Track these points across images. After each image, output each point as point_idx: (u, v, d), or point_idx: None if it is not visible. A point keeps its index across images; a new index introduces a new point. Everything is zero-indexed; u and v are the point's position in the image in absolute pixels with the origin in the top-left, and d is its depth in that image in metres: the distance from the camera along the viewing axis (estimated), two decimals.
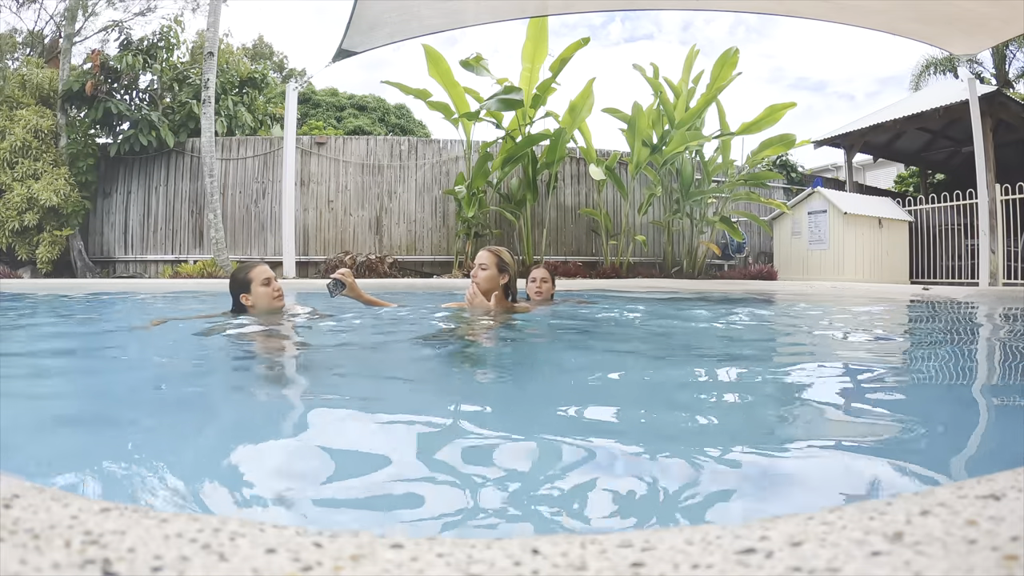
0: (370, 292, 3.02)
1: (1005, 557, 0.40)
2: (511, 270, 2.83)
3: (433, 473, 0.98)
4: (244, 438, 1.21)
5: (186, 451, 1.11)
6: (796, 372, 2.05)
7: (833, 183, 11.41)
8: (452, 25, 6.93)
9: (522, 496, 0.90)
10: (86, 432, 1.25)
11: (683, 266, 8.70)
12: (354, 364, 2.13)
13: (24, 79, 8.57)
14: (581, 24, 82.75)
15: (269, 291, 2.59)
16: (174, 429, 1.25)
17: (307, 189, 8.68)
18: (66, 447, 1.13)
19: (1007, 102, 8.90)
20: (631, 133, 8.00)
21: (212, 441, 1.21)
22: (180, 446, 1.14)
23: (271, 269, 2.70)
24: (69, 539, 0.43)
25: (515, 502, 0.88)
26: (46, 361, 2.18)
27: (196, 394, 1.64)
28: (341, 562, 0.41)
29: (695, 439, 1.17)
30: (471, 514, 0.83)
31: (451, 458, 1.06)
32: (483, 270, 2.76)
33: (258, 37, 18.16)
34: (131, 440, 1.17)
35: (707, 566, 0.41)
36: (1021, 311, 4.42)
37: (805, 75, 77.39)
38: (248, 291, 2.57)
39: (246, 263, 2.74)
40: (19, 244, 7.94)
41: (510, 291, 2.85)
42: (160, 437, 1.19)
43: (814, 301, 5.15)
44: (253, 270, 2.61)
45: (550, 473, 0.99)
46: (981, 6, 5.63)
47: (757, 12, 7.35)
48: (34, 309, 4.10)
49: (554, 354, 2.38)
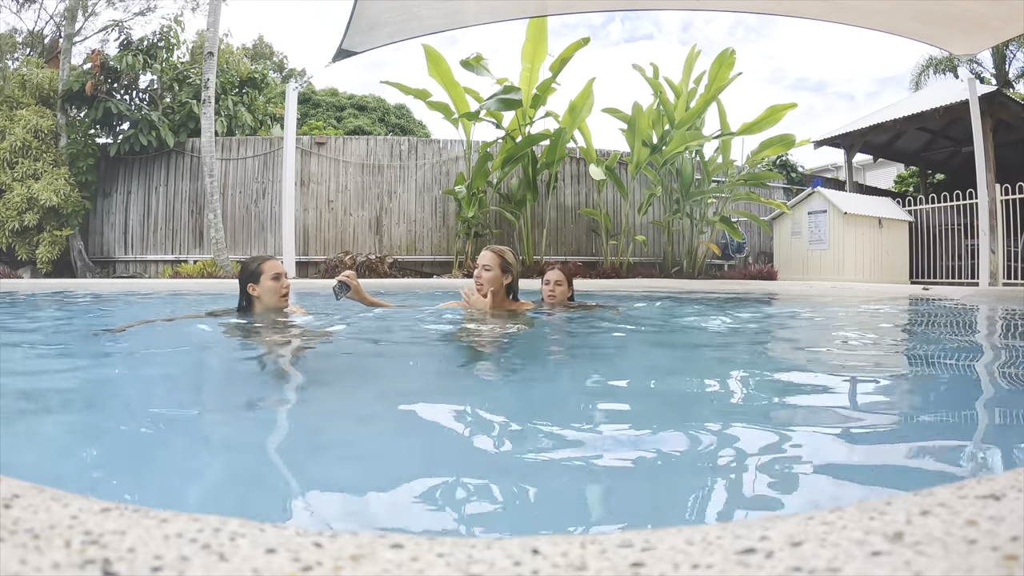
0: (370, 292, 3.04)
1: (1005, 557, 0.40)
2: (514, 270, 2.81)
3: (433, 473, 0.98)
4: (243, 439, 1.21)
5: (186, 451, 1.11)
6: (795, 372, 2.05)
7: (833, 183, 11.41)
8: (452, 25, 6.93)
9: (522, 496, 0.90)
10: (86, 432, 1.25)
11: (683, 266, 8.70)
12: (355, 365, 2.13)
13: (24, 79, 8.57)
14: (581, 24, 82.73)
15: (277, 287, 2.59)
16: (174, 429, 1.25)
17: (307, 189, 8.68)
18: (66, 447, 1.13)
19: (1007, 102, 8.90)
20: (631, 133, 8.00)
21: (212, 441, 1.21)
22: (180, 446, 1.14)
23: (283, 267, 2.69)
24: (69, 539, 0.43)
25: (515, 502, 0.88)
26: (45, 361, 2.18)
27: (195, 395, 1.64)
28: (341, 562, 0.41)
29: (695, 439, 1.17)
30: (471, 514, 0.83)
31: (450, 457, 1.06)
32: (487, 271, 2.74)
33: (258, 37, 18.17)
34: (131, 440, 1.17)
35: (707, 566, 0.41)
36: (1021, 311, 4.42)
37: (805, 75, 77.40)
38: (257, 282, 2.58)
39: (260, 255, 2.73)
40: (19, 244, 7.94)
41: (512, 290, 2.84)
42: (160, 437, 1.19)
43: (814, 301, 5.15)
44: (266, 263, 2.62)
45: (550, 473, 0.98)
46: (981, 6, 5.63)
47: (757, 12, 7.35)
48: (33, 309, 4.10)
49: (553, 354, 2.38)
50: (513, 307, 2.86)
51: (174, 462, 1.04)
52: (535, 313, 2.96)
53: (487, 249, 2.78)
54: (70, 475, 0.96)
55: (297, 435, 1.25)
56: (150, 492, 0.91)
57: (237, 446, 1.16)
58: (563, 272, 3.26)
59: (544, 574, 0.40)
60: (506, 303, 2.82)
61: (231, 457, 1.10)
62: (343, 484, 0.93)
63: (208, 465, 1.05)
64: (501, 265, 2.75)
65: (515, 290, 2.86)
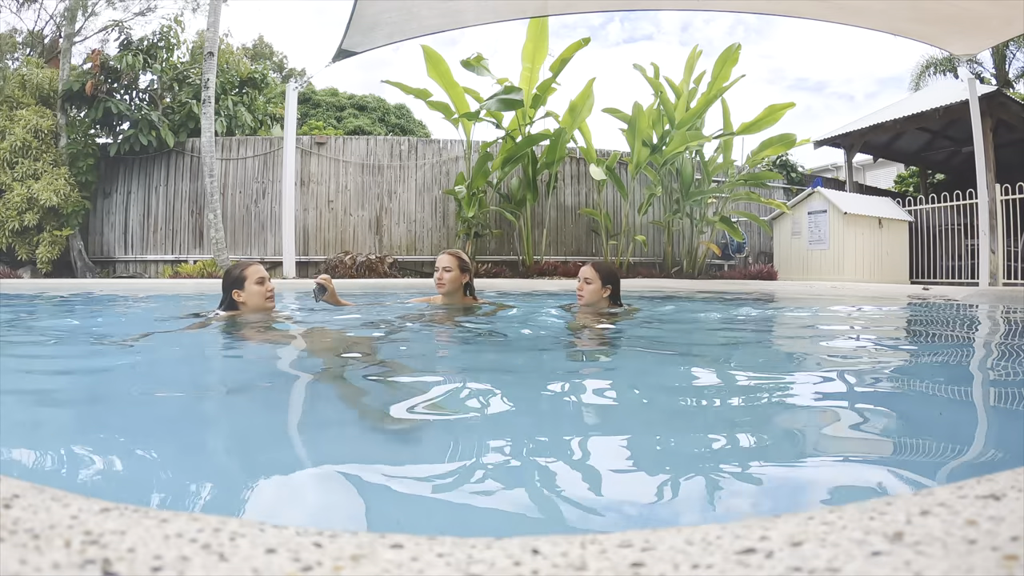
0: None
1: (1005, 557, 0.40)
2: (470, 269, 3.13)
3: (432, 472, 0.98)
4: (241, 439, 1.21)
5: (186, 452, 1.11)
6: (795, 372, 2.05)
7: (833, 183, 11.41)
8: (452, 25, 6.93)
9: (522, 496, 0.90)
10: (85, 433, 1.25)
11: (683, 266, 8.70)
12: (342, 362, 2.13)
13: (24, 79, 8.57)
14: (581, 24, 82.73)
15: (262, 291, 2.62)
16: (173, 430, 1.25)
17: (307, 189, 8.68)
18: (66, 447, 1.13)
19: (1007, 102, 8.90)
20: (631, 133, 8.00)
21: (211, 442, 1.21)
22: (179, 447, 1.14)
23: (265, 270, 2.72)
24: (69, 539, 0.43)
25: (515, 502, 0.88)
26: (44, 362, 2.18)
27: (193, 396, 1.64)
28: (341, 562, 0.41)
29: (694, 439, 1.17)
30: (471, 514, 0.83)
31: (449, 457, 1.06)
32: (447, 272, 3.00)
33: (258, 37, 18.19)
34: (130, 441, 1.17)
35: (707, 566, 0.41)
36: (1021, 311, 4.42)
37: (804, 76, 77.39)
38: (242, 288, 2.59)
39: (241, 261, 2.78)
40: (19, 244, 7.93)
41: (469, 288, 3.13)
42: (159, 438, 1.19)
43: (814, 301, 5.15)
44: (248, 268, 2.63)
45: (549, 473, 0.98)
46: (981, 6, 5.63)
47: (757, 12, 7.35)
48: (33, 309, 4.10)
49: (552, 354, 2.38)
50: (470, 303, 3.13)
51: (174, 462, 1.04)
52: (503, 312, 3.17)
53: (446, 253, 3.06)
54: (70, 476, 0.96)
55: (296, 435, 1.25)
56: (150, 492, 0.91)
57: (235, 448, 1.16)
58: (596, 268, 2.98)
59: (544, 574, 0.40)
60: (465, 300, 3.10)
61: (231, 457, 1.10)
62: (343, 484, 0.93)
63: (208, 465, 1.05)
64: (460, 266, 3.03)
65: (471, 287, 3.16)
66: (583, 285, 2.94)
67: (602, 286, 2.93)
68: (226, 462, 1.08)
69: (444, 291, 3.02)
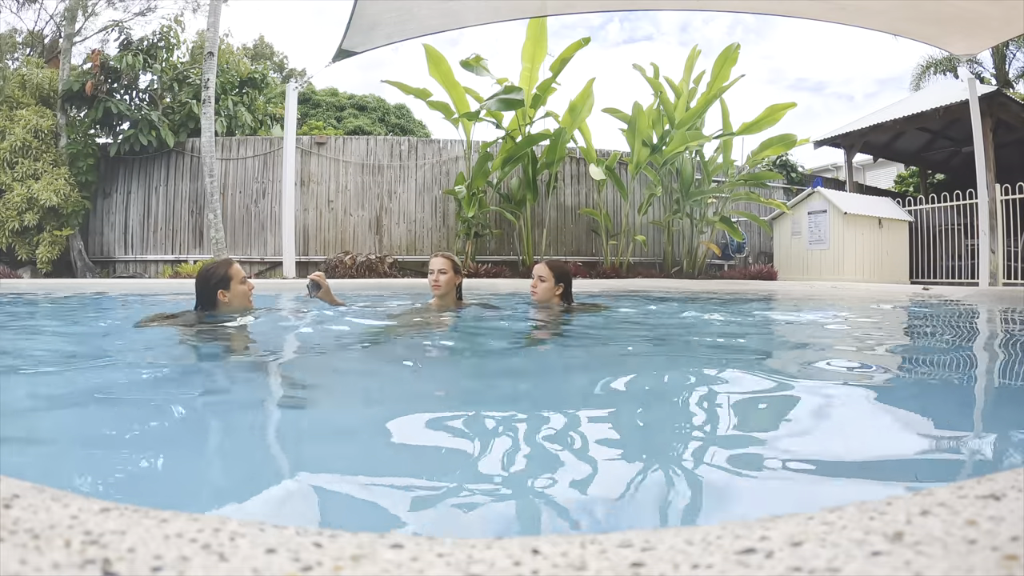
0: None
1: (1005, 557, 0.40)
2: (462, 271, 3.19)
3: (431, 472, 0.98)
4: (240, 440, 1.21)
5: (186, 452, 1.11)
6: (796, 372, 2.04)
7: (833, 183, 11.41)
8: (452, 25, 6.93)
9: (522, 496, 0.90)
10: (85, 433, 1.24)
11: (683, 266, 8.70)
12: (342, 362, 2.13)
13: (24, 79, 8.57)
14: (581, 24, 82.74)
15: (246, 289, 2.65)
16: (172, 430, 1.25)
17: (307, 189, 8.68)
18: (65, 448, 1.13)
19: (1007, 102, 8.89)
20: (631, 133, 8.00)
21: (211, 442, 1.21)
22: (179, 447, 1.14)
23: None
24: (69, 539, 0.43)
25: (515, 502, 0.88)
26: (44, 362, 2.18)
27: (191, 396, 1.64)
28: (341, 562, 0.41)
29: (694, 439, 1.17)
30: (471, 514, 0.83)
31: (448, 456, 1.06)
32: (443, 274, 3.05)
33: (258, 37, 18.19)
34: (130, 441, 1.17)
35: (707, 566, 0.41)
36: (1021, 311, 4.42)
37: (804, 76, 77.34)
38: (227, 287, 2.60)
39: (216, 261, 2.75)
40: (19, 244, 7.93)
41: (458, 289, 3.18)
42: (159, 438, 1.19)
43: (814, 301, 5.15)
44: (231, 267, 2.65)
45: (549, 473, 0.98)
46: (981, 6, 5.63)
47: (756, 12, 7.35)
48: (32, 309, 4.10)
49: (551, 353, 2.38)
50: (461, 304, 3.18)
51: (173, 463, 1.04)
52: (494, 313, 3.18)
53: (440, 255, 3.10)
54: (70, 475, 0.96)
55: (295, 435, 1.25)
56: (150, 492, 0.91)
57: (234, 447, 1.16)
58: (549, 267, 3.11)
59: (544, 574, 0.40)
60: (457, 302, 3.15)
61: (230, 457, 1.10)
62: (343, 484, 0.93)
63: (207, 465, 1.05)
64: (454, 268, 3.09)
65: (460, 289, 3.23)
66: (537, 283, 3.12)
67: (555, 284, 3.10)
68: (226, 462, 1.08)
69: (439, 293, 3.08)
